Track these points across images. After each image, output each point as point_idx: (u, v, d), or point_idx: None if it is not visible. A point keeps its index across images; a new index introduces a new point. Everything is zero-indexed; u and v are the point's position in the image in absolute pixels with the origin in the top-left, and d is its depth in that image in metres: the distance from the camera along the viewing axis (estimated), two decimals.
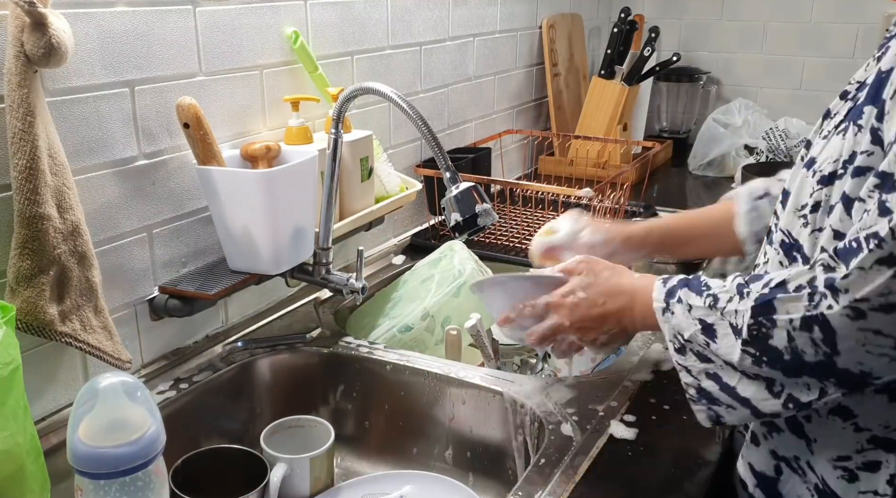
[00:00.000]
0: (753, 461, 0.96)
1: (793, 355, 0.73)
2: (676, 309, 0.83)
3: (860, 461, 0.84)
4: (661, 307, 0.85)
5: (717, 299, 0.80)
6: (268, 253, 1.21)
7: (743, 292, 0.78)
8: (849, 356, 0.71)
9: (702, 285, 0.83)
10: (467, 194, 1.00)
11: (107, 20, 1.06)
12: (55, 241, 0.96)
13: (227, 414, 1.23)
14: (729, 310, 0.78)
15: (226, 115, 1.27)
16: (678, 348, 0.83)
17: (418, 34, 1.70)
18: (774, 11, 2.51)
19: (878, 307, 0.68)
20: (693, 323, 0.81)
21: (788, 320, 0.73)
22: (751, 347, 0.76)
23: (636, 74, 2.26)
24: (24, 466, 0.81)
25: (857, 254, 0.69)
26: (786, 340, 0.73)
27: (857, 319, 0.69)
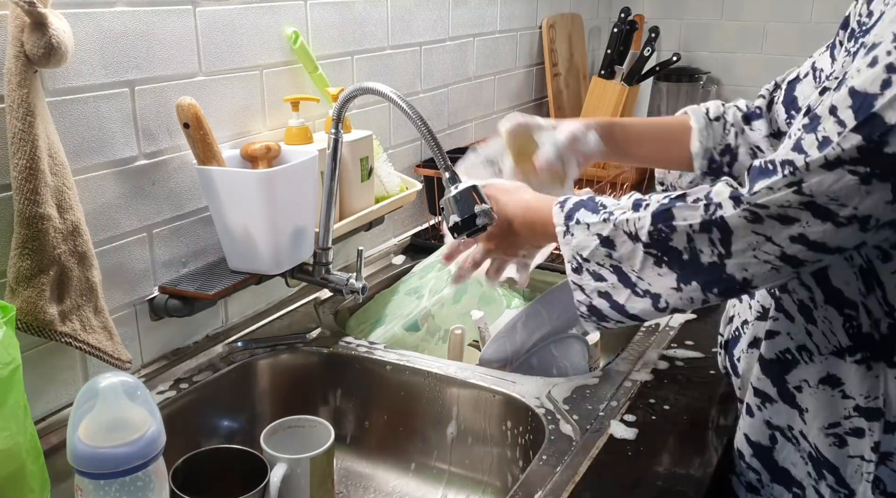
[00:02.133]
0: (749, 432, 0.99)
1: (691, 255, 0.78)
2: (576, 230, 0.87)
3: (848, 427, 0.88)
4: (562, 230, 0.89)
5: (612, 214, 0.84)
6: (268, 253, 1.21)
7: (640, 205, 0.83)
8: (738, 260, 0.76)
9: (598, 205, 0.87)
10: (466, 194, 1.00)
11: (107, 20, 1.06)
12: (55, 241, 0.96)
13: (227, 414, 1.23)
14: (621, 220, 0.83)
15: (226, 115, 1.27)
16: (575, 268, 0.87)
17: (418, 34, 1.70)
18: (774, 11, 2.51)
19: (776, 216, 0.73)
20: (592, 239, 0.85)
21: (688, 225, 0.78)
22: (652, 248, 0.81)
23: (636, 74, 2.26)
24: (24, 466, 0.81)
25: (772, 175, 0.73)
26: (685, 240, 0.78)
27: (753, 221, 0.74)
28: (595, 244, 0.85)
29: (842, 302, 0.84)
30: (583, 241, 0.86)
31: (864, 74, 0.69)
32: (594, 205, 0.88)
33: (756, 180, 0.75)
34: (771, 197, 0.73)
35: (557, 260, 1.63)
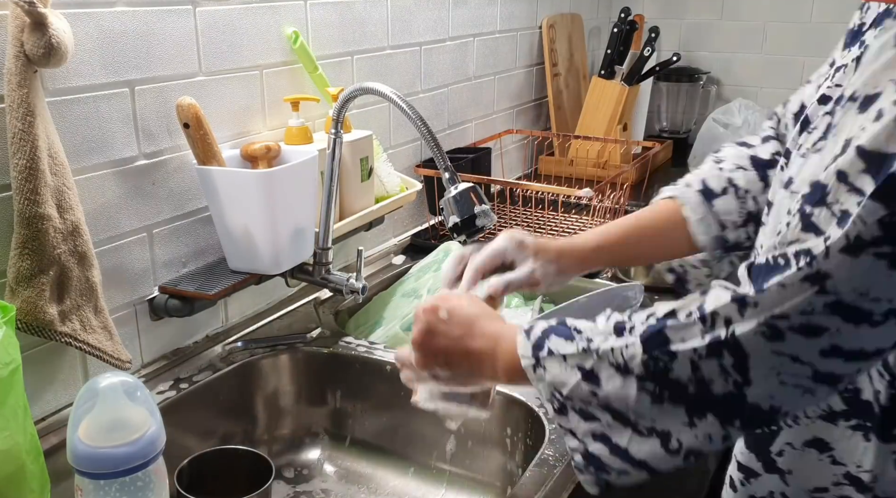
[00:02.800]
0: None
1: (698, 387, 0.64)
2: (549, 363, 0.71)
3: (836, 494, 0.78)
4: (530, 364, 0.73)
5: (590, 341, 0.70)
6: (268, 253, 1.21)
7: (623, 328, 0.69)
8: (761, 387, 0.62)
9: (571, 330, 0.72)
10: (466, 195, 1.00)
11: (107, 20, 1.06)
12: (55, 241, 0.96)
13: (227, 414, 1.23)
14: (605, 349, 0.68)
15: (226, 115, 1.27)
16: (558, 408, 0.72)
17: (418, 34, 1.70)
18: (774, 11, 2.51)
19: (798, 328, 0.60)
20: (572, 373, 0.70)
21: (691, 349, 0.63)
22: (648, 382, 0.66)
23: (636, 74, 2.26)
24: (24, 466, 0.81)
25: (784, 271, 0.60)
26: (689, 369, 0.64)
27: (772, 339, 0.61)
28: (576, 380, 0.69)
29: None
30: (560, 376, 0.70)
31: (872, 130, 0.58)
32: (567, 330, 0.72)
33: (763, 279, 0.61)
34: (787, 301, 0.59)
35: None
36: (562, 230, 1.79)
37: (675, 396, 0.65)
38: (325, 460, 1.30)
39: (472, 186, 1.01)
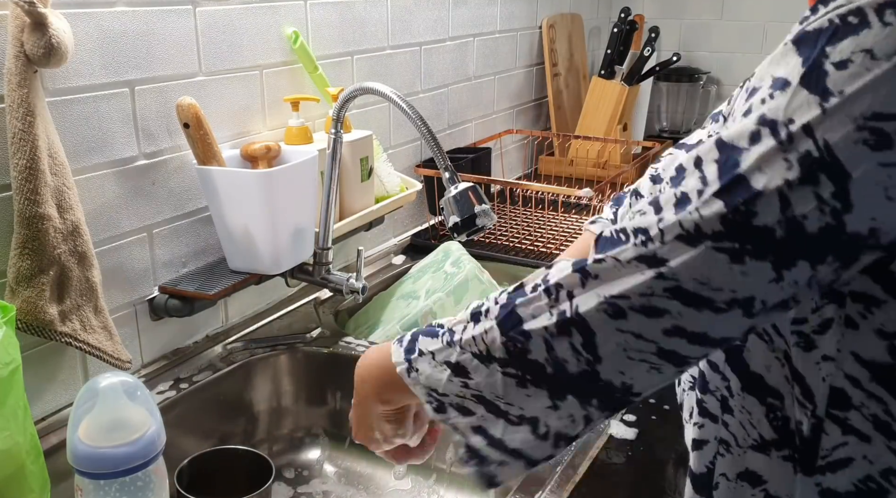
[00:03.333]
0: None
1: (555, 367, 0.64)
2: (420, 364, 0.71)
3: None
4: (404, 369, 0.72)
5: (452, 333, 0.69)
6: (268, 253, 1.21)
7: (480, 313, 0.68)
8: (610, 362, 0.62)
9: (436, 327, 0.72)
10: (466, 195, 1.00)
11: (107, 20, 1.06)
12: (55, 241, 0.96)
13: (228, 414, 1.23)
14: (467, 339, 0.68)
15: (226, 115, 1.27)
16: (437, 407, 0.71)
17: (418, 34, 1.70)
18: (774, 11, 2.51)
19: (639, 308, 0.60)
20: (442, 369, 0.69)
21: (543, 328, 0.63)
22: (510, 367, 0.66)
23: (636, 74, 2.26)
24: (24, 466, 0.81)
25: (618, 245, 0.60)
26: (545, 350, 0.64)
27: (615, 318, 0.60)
28: (446, 376, 0.69)
29: (763, 390, 0.70)
30: (432, 375, 0.70)
31: (737, 124, 0.57)
32: (433, 329, 0.72)
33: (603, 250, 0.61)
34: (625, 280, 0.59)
35: (547, 259, 1.63)
36: (562, 230, 1.80)
37: (537, 379, 0.65)
38: (325, 461, 1.30)
39: (472, 186, 1.01)
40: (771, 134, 0.55)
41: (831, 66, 0.54)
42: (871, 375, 0.63)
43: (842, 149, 0.53)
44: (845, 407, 0.64)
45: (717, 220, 0.55)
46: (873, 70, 0.52)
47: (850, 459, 0.66)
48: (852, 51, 0.53)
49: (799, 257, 0.55)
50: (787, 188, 0.54)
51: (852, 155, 0.53)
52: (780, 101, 0.55)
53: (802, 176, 0.53)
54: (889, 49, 0.52)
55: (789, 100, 0.55)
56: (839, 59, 0.53)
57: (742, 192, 0.55)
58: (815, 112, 0.53)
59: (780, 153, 0.54)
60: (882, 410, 0.63)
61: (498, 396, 0.67)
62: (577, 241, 0.98)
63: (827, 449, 0.67)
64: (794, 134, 0.54)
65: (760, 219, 0.54)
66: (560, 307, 0.63)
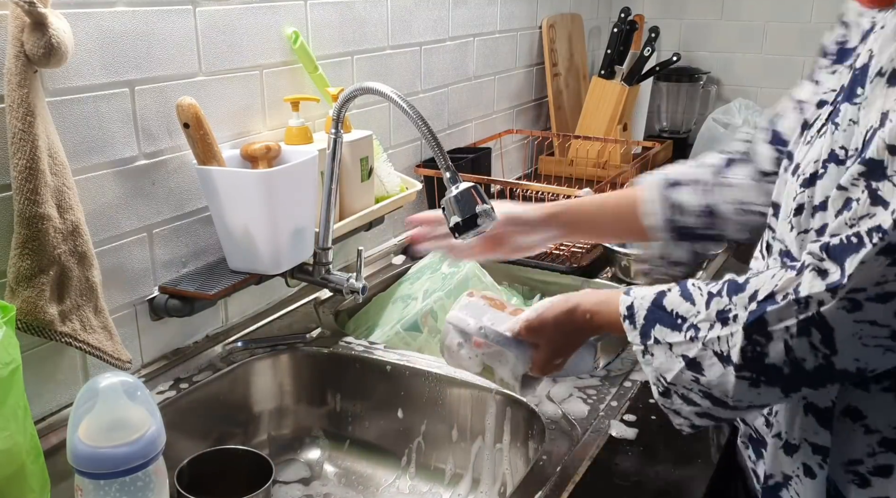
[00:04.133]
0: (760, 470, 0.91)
1: (792, 367, 0.70)
2: (656, 351, 0.78)
3: (871, 465, 0.79)
4: (640, 350, 0.80)
5: (697, 330, 0.75)
6: (268, 253, 1.21)
7: (727, 317, 0.73)
8: (846, 353, 0.68)
9: (676, 318, 0.78)
10: (467, 194, 1.00)
11: (107, 20, 1.06)
12: (55, 241, 0.96)
13: (227, 414, 1.23)
14: (711, 338, 0.74)
15: (226, 115, 1.27)
16: (662, 391, 0.79)
17: (418, 34, 1.70)
18: (774, 11, 2.51)
19: (874, 297, 0.65)
20: (676, 361, 0.76)
21: (784, 328, 0.69)
22: (745, 370, 0.72)
23: (636, 74, 2.26)
24: (24, 466, 0.81)
25: (859, 249, 0.65)
26: (783, 352, 0.70)
27: (853, 311, 0.66)
28: (680, 367, 0.75)
29: None
30: (665, 364, 0.77)
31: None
32: (671, 318, 0.78)
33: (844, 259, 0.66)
34: (866, 274, 0.65)
35: (548, 258, 1.63)
36: None
37: (772, 380, 0.71)
38: (325, 461, 1.30)
39: (473, 185, 1.01)
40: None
41: None
42: None
43: None
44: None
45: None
46: None
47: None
48: None
49: None
50: None
51: None
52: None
53: None
54: None
55: None
56: None
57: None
58: None
59: None
60: None
61: (727, 395, 0.73)
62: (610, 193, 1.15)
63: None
64: None
65: None
66: (807, 313, 0.68)
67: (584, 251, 1.66)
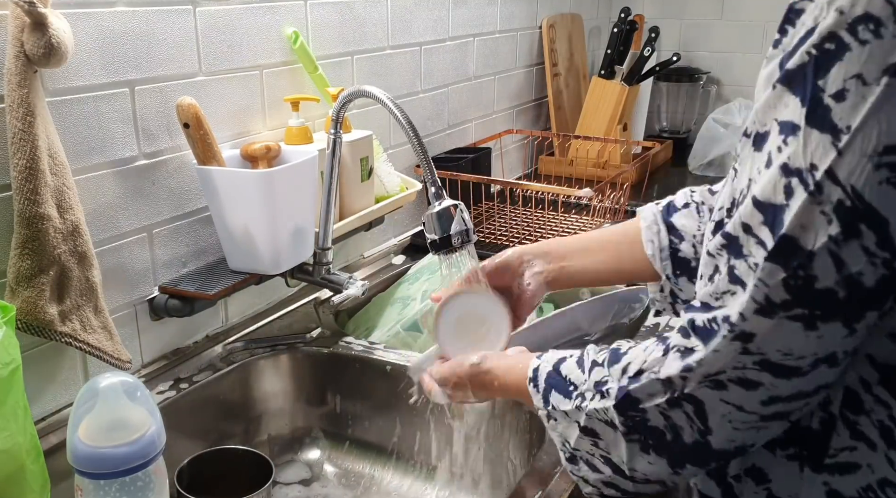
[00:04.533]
0: None
1: (673, 434, 0.68)
2: (558, 416, 0.77)
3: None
4: (544, 415, 0.79)
5: (583, 398, 0.74)
6: (268, 253, 1.21)
7: (603, 389, 0.73)
8: (720, 434, 0.66)
9: (568, 386, 0.77)
10: (447, 213, 0.99)
11: (107, 20, 1.06)
12: (55, 241, 0.96)
13: (227, 414, 1.23)
14: (591, 409, 0.73)
15: (226, 115, 1.27)
16: (569, 457, 0.78)
17: (418, 34, 1.70)
18: (774, 11, 2.49)
19: (736, 380, 0.62)
20: (573, 428, 0.76)
21: (655, 405, 0.68)
22: (632, 435, 0.71)
23: (636, 74, 2.26)
24: (24, 466, 0.81)
25: (713, 336, 0.62)
26: (662, 418, 0.68)
27: (717, 389, 0.64)
28: (577, 434, 0.75)
29: None
30: (566, 430, 0.77)
31: (764, 177, 0.57)
32: (564, 385, 0.77)
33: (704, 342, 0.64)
34: (721, 360, 0.62)
35: None
36: (562, 230, 1.79)
37: (658, 446, 0.69)
38: (325, 461, 1.30)
39: (455, 204, 1.00)
40: (800, 184, 0.54)
41: (831, 100, 0.53)
42: (879, 377, 0.63)
43: (870, 192, 0.53)
44: (857, 410, 0.65)
45: (780, 287, 0.56)
46: (868, 98, 0.52)
47: (857, 466, 0.66)
48: (844, 78, 0.52)
49: (866, 310, 0.57)
50: (835, 246, 0.54)
51: (882, 198, 0.53)
52: (796, 147, 0.55)
53: (844, 230, 0.53)
54: (875, 71, 0.51)
55: (804, 144, 0.54)
56: (835, 90, 0.53)
57: (796, 255, 0.55)
58: (832, 154, 0.53)
59: (815, 207, 0.54)
60: (887, 416, 0.63)
61: (623, 461, 0.72)
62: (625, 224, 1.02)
63: (835, 449, 0.67)
64: (820, 182, 0.53)
65: (821, 282, 0.55)
66: (672, 391, 0.66)
67: None
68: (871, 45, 0.51)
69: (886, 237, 0.53)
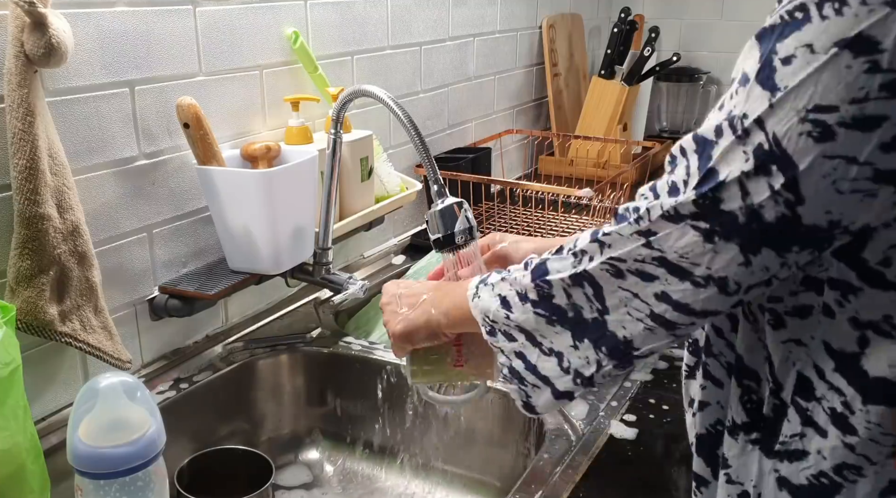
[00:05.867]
0: None
1: (574, 312, 0.74)
2: (483, 292, 0.83)
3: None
4: (471, 294, 0.84)
5: (509, 272, 0.81)
6: (268, 253, 1.21)
7: (530, 262, 0.79)
8: (615, 315, 0.72)
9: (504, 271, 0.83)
10: (451, 211, 1.00)
11: (107, 20, 1.06)
12: (55, 241, 0.96)
13: (227, 414, 1.23)
14: (513, 278, 0.79)
15: (226, 115, 1.27)
16: (489, 331, 0.83)
17: (418, 34, 1.70)
18: None
19: (634, 271, 0.68)
20: (494, 299, 0.81)
21: (560, 278, 0.74)
22: (539, 307, 0.76)
23: (636, 74, 2.26)
24: (24, 466, 0.81)
25: (622, 221, 0.69)
26: (565, 296, 0.74)
27: (616, 277, 0.70)
28: (496, 305, 0.80)
29: (742, 371, 0.75)
30: (486, 303, 0.82)
31: (710, 118, 0.64)
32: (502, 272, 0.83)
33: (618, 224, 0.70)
34: (624, 247, 0.68)
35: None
36: (562, 230, 1.79)
37: (562, 320, 0.75)
38: (325, 460, 1.30)
39: (459, 201, 1.00)
40: (730, 127, 0.61)
41: (779, 62, 0.58)
42: (834, 365, 0.66)
43: (788, 141, 0.58)
44: (808, 397, 0.68)
45: (691, 204, 0.63)
46: (812, 64, 0.56)
47: (806, 453, 0.69)
48: (795, 46, 0.57)
49: (763, 245, 0.61)
50: (745, 178, 0.60)
51: (798, 147, 0.58)
52: (741, 97, 0.60)
53: (756, 166, 0.59)
54: (826, 43, 0.56)
55: (747, 95, 0.60)
56: (785, 54, 0.58)
57: (711, 181, 0.61)
58: (764, 106, 0.58)
59: (738, 146, 0.60)
60: (841, 402, 0.66)
61: (535, 328, 0.78)
62: None
63: (786, 435, 0.70)
64: (748, 128, 0.59)
65: (726, 204, 0.61)
66: (577, 265, 0.72)
67: None
68: (830, 20, 0.55)
69: (794, 181, 0.58)
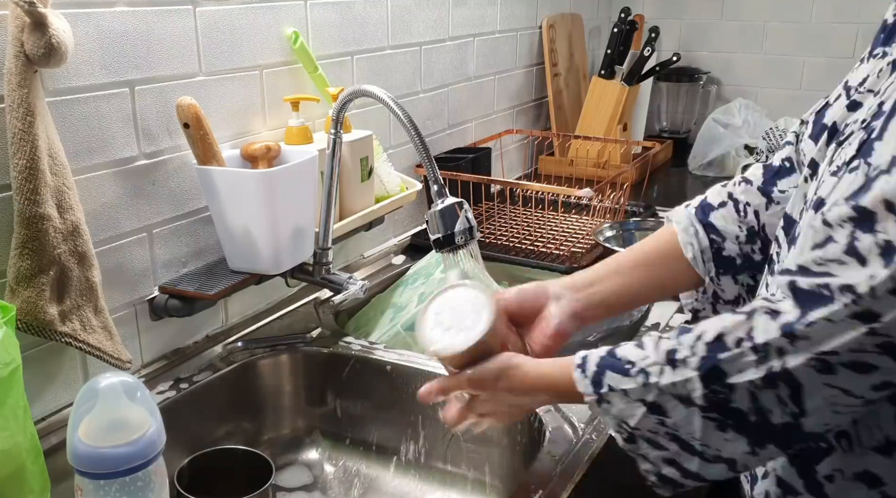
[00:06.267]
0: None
1: (758, 417, 0.65)
2: (612, 398, 0.73)
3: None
4: (594, 400, 0.75)
5: (648, 375, 0.71)
6: (268, 253, 1.21)
7: (675, 360, 0.69)
8: (815, 417, 0.63)
9: (623, 364, 0.73)
10: (451, 211, 0.99)
11: (107, 20, 1.06)
12: (55, 241, 0.96)
13: (227, 414, 1.23)
14: (665, 384, 0.69)
15: (226, 115, 1.27)
16: (627, 438, 0.74)
17: (418, 34, 1.70)
18: (774, 11, 2.51)
19: (849, 364, 0.60)
20: (636, 406, 0.71)
21: (748, 381, 0.64)
22: (711, 412, 0.67)
23: (636, 74, 2.26)
24: (24, 466, 0.81)
25: (826, 304, 0.60)
26: (749, 400, 0.65)
27: (824, 373, 0.61)
28: (642, 412, 0.71)
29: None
30: (625, 410, 0.72)
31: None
32: (620, 364, 0.73)
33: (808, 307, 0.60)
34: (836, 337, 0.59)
35: (547, 259, 1.63)
36: (562, 230, 1.79)
37: (738, 426, 0.66)
38: (325, 460, 1.30)
39: (459, 202, 1.00)
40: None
41: None
42: None
43: None
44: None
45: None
46: None
47: None
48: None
49: None
50: None
51: None
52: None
53: None
54: None
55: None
56: None
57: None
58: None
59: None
60: None
61: (694, 437, 0.69)
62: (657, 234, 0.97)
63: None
64: None
65: None
66: (768, 364, 0.63)
67: (583, 251, 1.66)
68: None
69: None
